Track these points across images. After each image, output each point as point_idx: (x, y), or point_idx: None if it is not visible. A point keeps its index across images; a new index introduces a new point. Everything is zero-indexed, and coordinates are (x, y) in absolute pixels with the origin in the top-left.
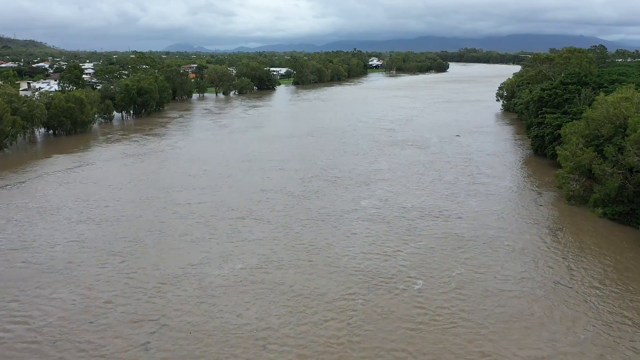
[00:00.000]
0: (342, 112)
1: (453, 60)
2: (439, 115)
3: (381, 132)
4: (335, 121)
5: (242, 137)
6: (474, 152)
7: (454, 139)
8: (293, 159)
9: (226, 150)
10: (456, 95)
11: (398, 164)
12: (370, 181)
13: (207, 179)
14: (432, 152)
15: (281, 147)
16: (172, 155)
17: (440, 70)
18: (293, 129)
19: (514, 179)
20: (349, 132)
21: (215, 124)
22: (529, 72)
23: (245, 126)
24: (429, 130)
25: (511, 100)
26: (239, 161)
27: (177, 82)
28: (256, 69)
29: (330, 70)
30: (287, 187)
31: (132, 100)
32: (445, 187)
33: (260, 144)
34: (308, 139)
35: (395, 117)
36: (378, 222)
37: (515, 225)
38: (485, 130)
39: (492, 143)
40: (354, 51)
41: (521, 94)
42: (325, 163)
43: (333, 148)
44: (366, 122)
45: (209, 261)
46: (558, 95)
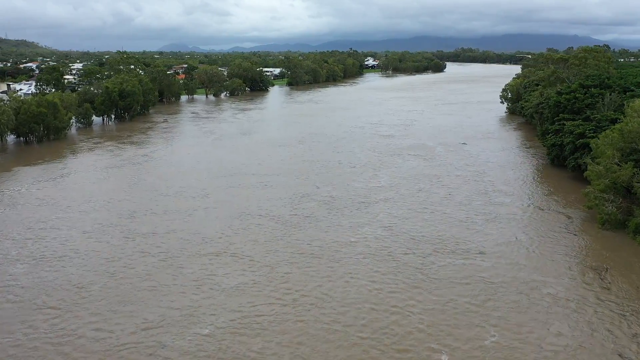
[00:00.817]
0: (336, 116)
1: (449, 60)
2: (440, 119)
3: (380, 139)
4: (329, 126)
5: (227, 146)
6: (484, 163)
7: (459, 147)
8: (281, 173)
9: (208, 162)
10: (456, 97)
11: (401, 179)
12: (370, 201)
13: (181, 200)
14: (437, 163)
15: (269, 158)
16: (147, 169)
17: (437, 71)
18: (283, 136)
19: (535, 197)
20: (344, 140)
21: (201, 129)
22: (540, 74)
23: (232, 132)
24: (431, 136)
25: (517, 102)
26: (221, 176)
27: (164, 84)
28: (248, 69)
29: (325, 70)
30: (274, 210)
31: (113, 103)
32: (458, 208)
33: (246, 154)
34: (299, 147)
35: (394, 122)
36: (383, 260)
37: (550, 264)
38: (493, 137)
39: (503, 152)
40: (350, 51)
41: (530, 96)
42: (318, 178)
43: (327, 159)
44: (362, 127)
45: (168, 323)
46: (578, 100)
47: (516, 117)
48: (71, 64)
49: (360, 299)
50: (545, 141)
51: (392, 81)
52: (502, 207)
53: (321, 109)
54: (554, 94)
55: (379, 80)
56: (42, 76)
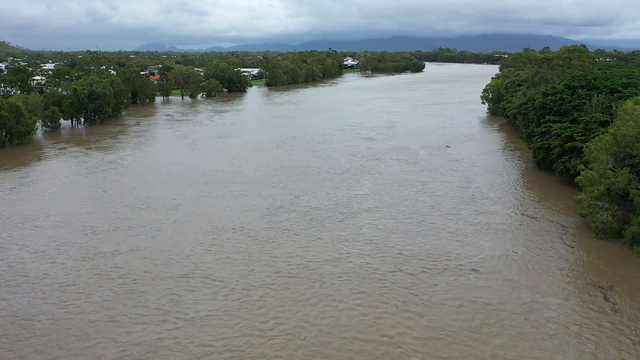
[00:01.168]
0: (315, 118)
1: (427, 60)
2: (422, 121)
3: (360, 142)
4: (308, 129)
5: (201, 151)
6: (469, 168)
7: (443, 150)
8: (258, 181)
9: (179, 169)
10: (437, 97)
11: (384, 186)
12: (353, 212)
13: (149, 212)
14: (422, 168)
15: (245, 164)
16: (114, 177)
17: (416, 70)
18: (260, 140)
19: (525, 204)
20: (324, 143)
21: (174, 133)
22: (522, 74)
23: (207, 136)
24: (413, 139)
25: (498, 103)
26: (193, 184)
27: (138, 85)
28: (225, 70)
29: (304, 70)
30: (249, 223)
31: (82, 106)
32: (447, 219)
33: (220, 159)
34: (277, 152)
35: (374, 124)
36: (368, 280)
37: (549, 281)
38: (476, 139)
39: (487, 155)
40: (329, 51)
41: (512, 97)
42: (296, 186)
43: (306, 164)
44: (342, 129)
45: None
46: (564, 102)
47: (498, 118)
48: (42, 64)
49: (344, 327)
50: (531, 144)
51: (371, 81)
52: (492, 216)
53: (300, 110)
54: (539, 95)
55: (358, 81)
56: (7, 77)
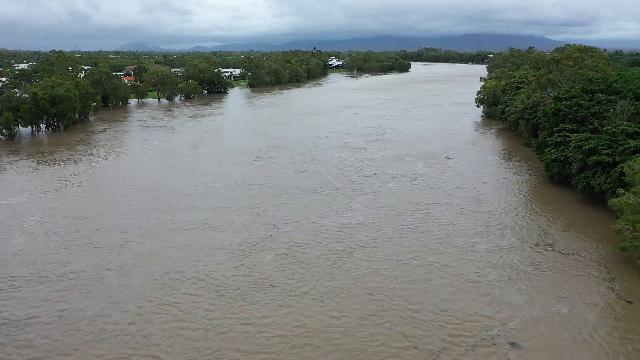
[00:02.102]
0: (299, 123)
1: (412, 60)
2: (414, 126)
3: (350, 152)
4: (290, 137)
5: (168, 165)
6: (476, 184)
7: (443, 161)
8: (231, 205)
9: (139, 190)
10: (427, 99)
11: (380, 211)
12: (345, 250)
13: (88, 254)
14: (422, 186)
15: (217, 182)
16: (56, 201)
17: (402, 70)
18: (237, 150)
19: (551, 233)
20: (309, 154)
21: (142, 142)
22: (527, 76)
23: (178, 146)
24: (408, 147)
25: (495, 106)
26: (152, 209)
27: (109, 87)
28: (205, 70)
29: (288, 71)
30: (215, 269)
31: (42, 111)
32: (462, 258)
33: (189, 176)
34: (255, 166)
35: (364, 130)
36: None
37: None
38: (475, 147)
39: (492, 167)
40: (313, 51)
41: (512, 101)
42: (276, 211)
43: (287, 182)
44: (329, 137)
45: None
46: (581, 108)
47: (493, 121)
48: (16, 65)
49: None
50: (543, 155)
51: (357, 82)
52: (516, 253)
53: (282, 114)
54: (550, 100)
55: (344, 81)
56: None
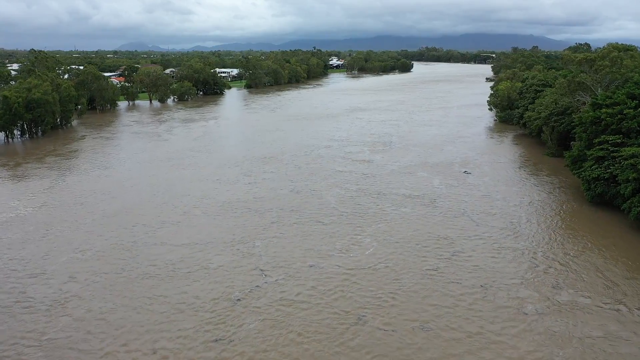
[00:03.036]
0: (297, 129)
1: (414, 60)
2: (423, 133)
3: (353, 165)
4: (286, 146)
5: (143, 182)
6: (507, 210)
7: (462, 177)
8: (209, 240)
9: (97, 218)
10: (433, 101)
11: (397, 251)
12: (355, 307)
13: (17, 319)
14: (443, 212)
15: (194, 207)
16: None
17: (404, 70)
18: (225, 164)
19: (620, 284)
20: (307, 168)
21: (121, 152)
22: (560, 80)
23: (159, 157)
24: (419, 159)
25: (510, 110)
26: (107, 249)
27: (95, 89)
28: (200, 70)
29: (287, 71)
30: (182, 343)
31: (16, 116)
32: (512, 326)
33: (162, 198)
34: (242, 185)
35: (368, 137)
36: None
37: None
38: (495, 158)
39: (519, 185)
40: (313, 50)
41: (534, 105)
42: (265, 247)
43: (280, 206)
44: (330, 146)
45: None
46: (626, 117)
47: (509, 127)
48: (9, 65)
49: None
50: (582, 172)
51: (359, 82)
52: (583, 316)
53: (279, 119)
54: (587, 107)
55: (345, 82)
56: None
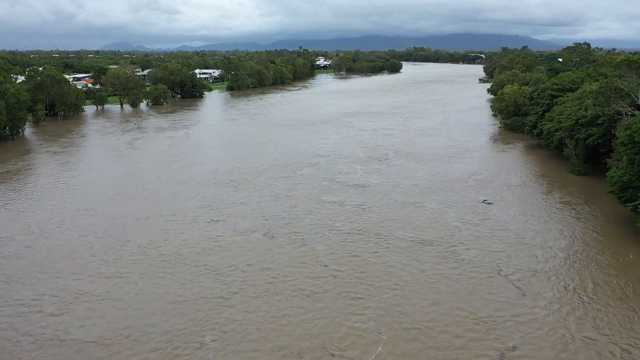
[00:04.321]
0: (277, 140)
1: (402, 60)
2: (422, 145)
3: (344, 194)
4: (262, 164)
5: (65, 226)
6: (551, 262)
7: (481, 209)
8: (120, 338)
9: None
10: (428, 105)
11: (414, 344)
12: None
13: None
14: (469, 269)
15: (125, 270)
16: None
17: (393, 71)
18: (181, 194)
19: None
20: (284, 198)
21: (57, 177)
22: (565, 81)
23: (103, 184)
24: (424, 182)
25: (516, 116)
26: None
27: (55, 93)
28: (176, 72)
29: (272, 72)
30: None
31: None
32: None
33: (87, 254)
34: (198, 226)
35: (359, 151)
36: None
37: None
38: (515, 179)
39: (558, 220)
40: (300, 50)
41: (552, 113)
42: (222, 348)
43: (247, 261)
44: (315, 163)
45: None
46: None
47: (515, 135)
48: None
49: None
50: (636, 201)
51: (347, 84)
52: None
53: (258, 128)
54: (635, 120)
55: (332, 83)
56: None
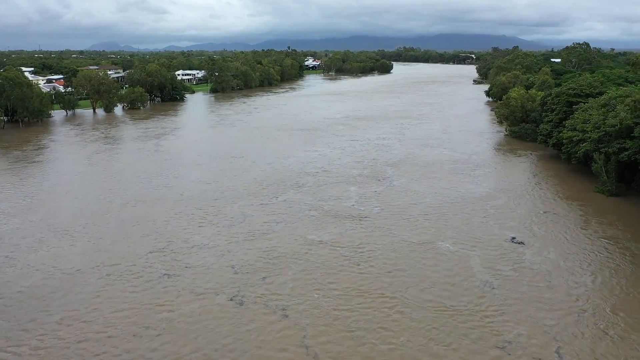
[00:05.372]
0: (257, 154)
1: (391, 60)
2: (425, 158)
3: (337, 229)
4: (238, 187)
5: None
6: (621, 347)
7: (511, 251)
8: None
9: None
10: (424, 109)
11: None
12: None
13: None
14: (511, 350)
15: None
16: None
17: (384, 71)
18: (127, 236)
19: None
20: (260, 239)
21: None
22: (583, 85)
23: (26, 229)
24: (433, 209)
25: (525, 123)
26: None
27: (15, 97)
28: (154, 73)
29: (258, 73)
30: None
31: None
32: None
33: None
34: (142, 286)
35: (354, 168)
36: None
37: None
38: (542, 206)
39: (607, 268)
40: (288, 50)
41: (573, 121)
42: None
43: (204, 347)
44: (301, 185)
45: None
46: None
47: (524, 144)
48: None
49: None
50: None
51: (337, 85)
52: None
53: (236, 138)
54: None
55: (322, 84)
56: None
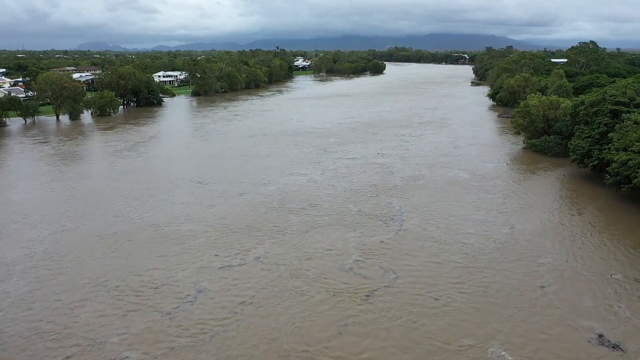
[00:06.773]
0: (228, 183)
1: (383, 60)
2: (436, 183)
3: (325, 316)
4: (194, 233)
5: None
6: None
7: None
8: None
9: None
10: (425, 115)
11: None
12: None
13: None
14: None
15: None
16: None
17: (376, 72)
18: (43, 314)
19: None
20: (216, 338)
21: None
22: (613, 90)
23: None
24: (464, 276)
25: (548, 135)
26: None
27: None
28: (127, 76)
29: (244, 74)
30: None
31: None
32: None
33: None
34: None
35: (349, 199)
36: None
37: None
38: (611, 266)
39: None
40: (277, 50)
41: (625, 139)
42: None
43: None
44: (280, 231)
45: None
46: None
47: (545, 157)
48: None
49: None
50: None
51: (328, 87)
52: None
53: (207, 154)
54: None
55: (312, 87)
56: None
